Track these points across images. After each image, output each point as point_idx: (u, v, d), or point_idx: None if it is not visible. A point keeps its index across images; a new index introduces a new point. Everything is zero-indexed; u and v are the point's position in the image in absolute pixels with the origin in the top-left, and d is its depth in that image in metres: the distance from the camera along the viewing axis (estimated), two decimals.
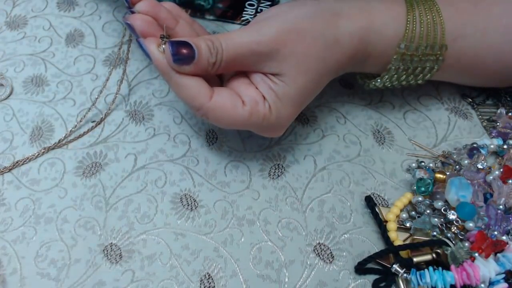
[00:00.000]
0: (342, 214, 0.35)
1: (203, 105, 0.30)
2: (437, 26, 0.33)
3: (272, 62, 0.31)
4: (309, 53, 0.31)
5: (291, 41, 0.30)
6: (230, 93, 0.31)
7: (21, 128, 0.39)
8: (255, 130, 0.33)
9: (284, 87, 0.31)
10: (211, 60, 0.30)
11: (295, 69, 0.31)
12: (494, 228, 0.32)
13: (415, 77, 0.36)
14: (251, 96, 0.31)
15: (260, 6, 0.49)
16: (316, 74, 0.32)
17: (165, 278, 0.32)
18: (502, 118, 0.39)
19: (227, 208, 0.35)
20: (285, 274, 0.33)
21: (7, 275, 0.32)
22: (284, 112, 0.32)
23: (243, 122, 0.31)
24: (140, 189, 0.36)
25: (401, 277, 0.31)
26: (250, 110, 0.31)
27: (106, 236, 0.34)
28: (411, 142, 0.39)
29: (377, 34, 0.33)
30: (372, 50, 0.33)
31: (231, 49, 0.30)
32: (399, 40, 0.33)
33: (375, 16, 0.33)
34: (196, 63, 0.30)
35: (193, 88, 0.30)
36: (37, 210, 0.35)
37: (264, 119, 0.31)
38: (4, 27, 0.46)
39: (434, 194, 0.34)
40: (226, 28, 0.47)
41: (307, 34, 0.31)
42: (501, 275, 0.30)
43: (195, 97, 0.30)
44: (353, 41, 0.32)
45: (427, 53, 0.34)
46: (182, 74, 0.30)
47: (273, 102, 0.31)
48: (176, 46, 0.29)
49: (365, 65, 0.35)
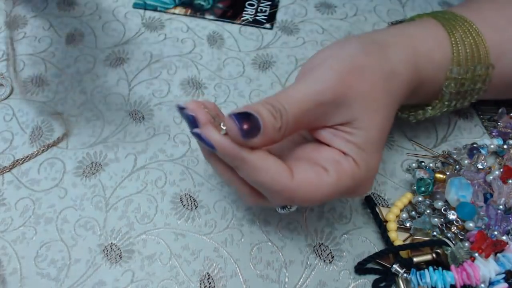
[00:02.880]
0: (342, 214, 0.35)
1: (287, 186, 0.26)
2: (480, 46, 0.33)
3: (341, 110, 0.27)
4: (375, 89, 0.28)
5: (355, 81, 0.27)
6: (307, 163, 0.27)
7: (21, 128, 0.39)
8: (347, 195, 0.29)
9: (363, 133, 0.28)
10: (276, 125, 0.25)
11: (367, 110, 0.28)
12: (494, 228, 0.32)
13: (463, 101, 0.35)
14: (329, 158, 0.27)
15: (260, 6, 0.49)
16: (386, 108, 0.29)
17: (165, 278, 0.32)
18: (503, 118, 0.39)
19: (227, 208, 0.35)
20: (285, 274, 0.33)
21: (7, 275, 0.32)
22: (371, 160, 0.28)
23: (333, 191, 0.27)
24: (140, 189, 0.36)
25: (401, 277, 0.31)
26: (337, 174, 0.27)
27: (106, 236, 0.34)
28: (411, 142, 0.39)
29: (425, 58, 0.32)
30: (424, 76, 0.32)
31: (295, 107, 0.26)
32: (447, 63, 0.32)
33: (418, 41, 0.32)
34: (263, 133, 0.25)
35: (272, 169, 0.26)
36: (37, 210, 0.35)
37: (353, 177, 0.27)
38: (4, 27, 0.46)
39: (434, 194, 0.34)
40: (226, 28, 0.47)
41: (367, 70, 0.28)
42: (501, 275, 0.30)
43: (275, 179, 0.26)
44: (408, 69, 0.30)
45: (477, 74, 0.33)
46: (257, 154, 0.26)
47: (357, 154, 0.27)
48: (240, 120, 0.24)
49: (418, 94, 0.33)
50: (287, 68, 0.44)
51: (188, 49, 0.45)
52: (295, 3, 0.49)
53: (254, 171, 0.26)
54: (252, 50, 0.45)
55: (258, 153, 0.26)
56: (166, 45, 0.45)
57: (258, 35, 0.46)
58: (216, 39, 0.46)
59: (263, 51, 0.45)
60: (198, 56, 0.44)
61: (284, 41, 0.46)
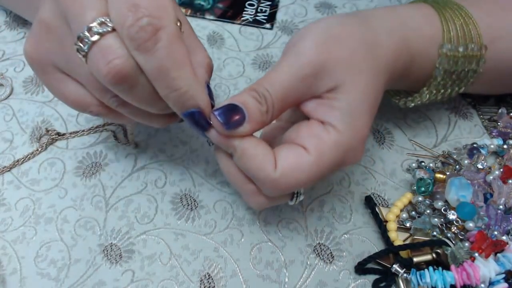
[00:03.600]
0: (342, 214, 0.35)
1: (269, 176, 0.27)
2: (471, 26, 0.33)
3: (323, 78, 0.28)
4: (356, 55, 0.28)
5: (334, 49, 0.28)
6: (288, 147, 0.28)
7: (21, 128, 0.39)
8: (339, 167, 0.29)
9: (346, 97, 0.28)
10: (262, 109, 0.27)
11: (349, 74, 0.28)
12: (494, 228, 0.32)
13: (459, 84, 0.34)
14: (308, 133, 0.28)
15: (260, 6, 0.49)
16: (371, 74, 0.29)
17: (165, 278, 0.32)
18: (503, 118, 0.39)
19: (227, 208, 0.35)
20: (285, 274, 0.33)
21: (7, 275, 0.32)
22: (357, 123, 0.28)
23: (318, 169, 0.27)
24: (140, 189, 0.36)
25: (401, 277, 0.31)
26: (317, 151, 0.27)
27: (106, 236, 0.34)
28: (411, 142, 0.39)
29: (415, 32, 0.32)
30: (415, 51, 0.32)
31: (278, 88, 0.27)
32: (438, 39, 0.32)
33: (406, 16, 0.32)
34: (250, 120, 0.26)
35: (259, 157, 0.27)
36: (37, 210, 0.35)
37: (337, 146, 0.27)
38: (4, 27, 0.46)
39: (434, 194, 0.34)
40: (226, 28, 0.47)
41: (346, 38, 0.29)
42: (501, 275, 0.30)
43: (261, 167, 0.27)
44: (393, 39, 0.31)
45: (469, 53, 0.33)
46: (247, 142, 0.27)
47: (340, 121, 0.27)
48: (223, 114, 0.26)
49: (411, 71, 0.33)
50: None
51: None
52: (295, 3, 0.49)
53: (243, 157, 0.27)
54: (252, 50, 0.45)
55: (249, 139, 0.27)
56: None
57: (258, 35, 0.46)
58: (216, 39, 0.46)
59: (263, 51, 0.45)
60: None
61: (284, 41, 0.46)
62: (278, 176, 0.27)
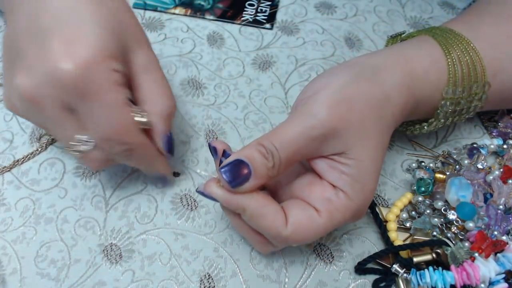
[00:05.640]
0: None
1: (281, 234, 0.27)
2: (476, 65, 0.33)
3: (333, 142, 0.28)
4: (366, 118, 0.28)
5: (346, 112, 0.28)
6: (300, 207, 0.28)
7: (21, 128, 0.39)
8: (341, 225, 0.29)
9: (357, 163, 0.28)
10: (268, 165, 0.27)
11: (359, 139, 0.28)
12: (494, 228, 0.32)
13: (460, 117, 0.35)
14: (320, 196, 0.28)
15: (260, 6, 0.49)
16: (380, 135, 0.29)
17: (165, 278, 0.32)
18: (504, 118, 0.39)
19: None
20: (285, 274, 0.33)
21: (7, 275, 0.32)
22: (366, 189, 0.29)
23: (326, 229, 0.28)
24: (140, 189, 0.36)
25: (401, 277, 0.31)
26: (328, 214, 0.28)
27: (106, 236, 0.34)
28: (411, 142, 0.39)
29: (421, 80, 0.32)
30: (420, 97, 0.32)
31: (286, 145, 0.27)
32: (443, 84, 0.32)
33: (413, 62, 0.32)
34: (256, 176, 0.27)
35: (269, 215, 0.27)
36: (37, 210, 0.35)
37: (345, 212, 0.28)
38: (4, 26, 0.46)
39: (434, 194, 0.34)
40: (226, 28, 0.47)
41: (358, 100, 0.29)
42: (501, 275, 0.30)
43: (272, 225, 0.27)
44: (402, 92, 0.31)
45: (472, 93, 0.33)
46: (257, 201, 0.27)
47: (350, 187, 0.28)
48: (230, 171, 0.27)
49: (414, 113, 0.33)
50: (287, 68, 0.44)
51: (188, 49, 0.45)
52: (295, 3, 0.49)
53: (253, 217, 0.27)
54: (252, 50, 0.45)
55: (258, 200, 0.27)
56: (166, 45, 0.45)
57: (258, 35, 0.46)
58: (216, 39, 0.46)
59: (263, 51, 0.45)
60: (198, 56, 0.44)
61: (284, 41, 0.46)
62: (289, 234, 0.27)
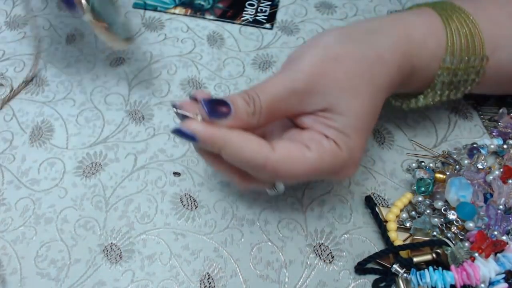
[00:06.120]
0: (342, 214, 0.35)
1: (269, 158, 0.27)
2: (475, 37, 0.33)
3: (315, 97, 0.28)
4: (353, 76, 0.29)
5: (331, 70, 0.28)
6: (289, 141, 0.29)
7: (21, 128, 0.39)
8: (329, 175, 0.30)
9: (341, 118, 0.28)
10: (249, 110, 0.28)
11: (343, 96, 0.28)
12: (494, 228, 0.32)
13: (456, 92, 0.35)
14: (310, 138, 0.29)
15: (260, 6, 0.49)
16: (368, 94, 0.29)
17: (165, 278, 0.32)
18: (504, 118, 0.39)
19: (227, 208, 0.35)
20: (285, 274, 0.33)
21: (7, 275, 0.32)
22: (353, 143, 0.29)
23: (315, 166, 0.28)
24: (140, 189, 0.36)
25: (401, 277, 0.31)
26: (318, 151, 0.28)
27: (106, 236, 0.34)
28: (411, 142, 0.39)
29: (419, 46, 0.32)
30: (417, 64, 0.32)
31: (267, 95, 0.28)
32: (441, 53, 0.32)
33: (411, 29, 0.32)
34: (235, 116, 0.27)
35: (252, 144, 0.27)
36: (37, 210, 0.35)
37: (335, 157, 0.28)
38: (4, 27, 0.46)
39: (434, 194, 0.34)
40: (226, 28, 0.47)
41: (346, 58, 0.29)
42: (501, 275, 0.30)
43: (257, 152, 0.27)
44: (397, 55, 0.31)
45: (470, 65, 0.33)
46: (236, 132, 0.27)
47: (337, 137, 0.28)
48: (210, 103, 0.27)
49: (411, 81, 0.33)
50: None
51: (188, 49, 0.45)
52: (295, 3, 0.49)
53: (236, 148, 0.27)
54: (252, 50, 0.45)
55: (237, 131, 0.27)
56: (166, 45, 0.45)
57: (258, 35, 0.46)
58: (216, 39, 0.46)
59: (263, 51, 0.45)
60: (198, 56, 0.44)
61: (284, 41, 0.46)
62: (277, 158, 0.27)
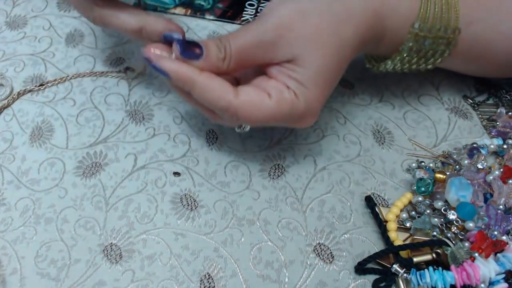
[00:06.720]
0: (342, 214, 0.35)
1: (231, 103, 0.30)
2: (451, 8, 0.33)
3: (282, 49, 0.31)
4: (319, 30, 0.31)
5: (297, 23, 0.30)
6: (253, 88, 0.31)
7: (21, 128, 0.39)
8: (288, 122, 0.32)
9: (303, 70, 0.31)
10: (220, 55, 0.30)
11: (308, 49, 0.30)
12: (494, 228, 0.32)
13: (426, 61, 0.35)
14: (273, 86, 0.31)
15: (260, 6, 0.49)
16: (333, 49, 0.31)
17: (165, 278, 0.32)
18: (502, 118, 0.39)
19: (227, 208, 0.35)
20: (285, 274, 0.33)
21: (7, 275, 0.32)
22: (311, 96, 0.31)
23: (273, 113, 0.31)
24: (140, 189, 0.36)
25: (401, 277, 0.31)
26: (277, 99, 0.30)
27: (106, 236, 0.34)
28: (411, 142, 0.39)
29: (391, 9, 0.33)
30: (388, 26, 0.33)
31: (238, 42, 0.31)
32: (413, 18, 0.33)
33: None
34: (206, 59, 0.30)
35: (218, 87, 0.30)
36: (37, 210, 0.35)
37: (292, 106, 0.31)
38: (4, 27, 0.46)
39: (434, 194, 0.34)
40: (226, 28, 0.47)
41: (312, 12, 0.31)
42: (501, 275, 0.30)
43: (221, 96, 0.30)
44: (367, 12, 0.32)
45: (440, 35, 0.33)
46: (205, 74, 0.30)
47: (297, 88, 0.31)
48: (183, 44, 0.30)
49: (380, 44, 0.35)
50: None
51: None
52: None
53: (202, 90, 0.30)
54: None
55: (206, 74, 0.30)
56: None
57: None
58: None
59: None
60: None
61: None
62: (238, 103, 0.30)
